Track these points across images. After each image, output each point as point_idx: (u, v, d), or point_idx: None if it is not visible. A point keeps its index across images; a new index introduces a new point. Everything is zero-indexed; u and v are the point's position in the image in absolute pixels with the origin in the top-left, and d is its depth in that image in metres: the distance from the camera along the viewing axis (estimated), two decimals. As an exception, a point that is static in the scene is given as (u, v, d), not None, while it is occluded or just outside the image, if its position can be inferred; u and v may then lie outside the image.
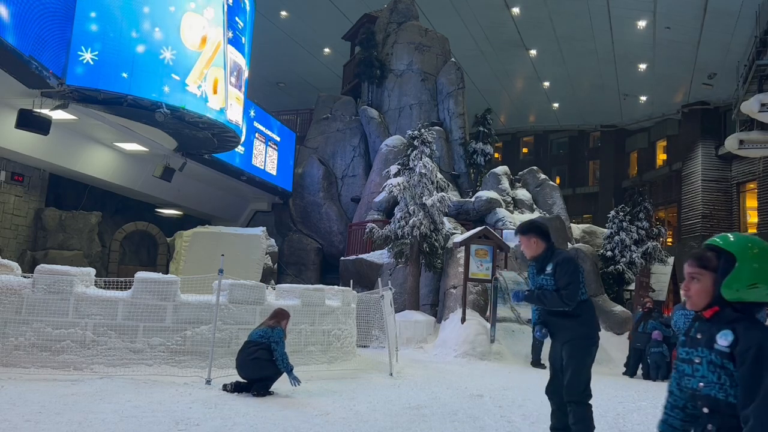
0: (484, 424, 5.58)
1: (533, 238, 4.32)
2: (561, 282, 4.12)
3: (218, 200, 19.20)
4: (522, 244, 4.41)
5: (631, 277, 15.07)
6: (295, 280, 17.91)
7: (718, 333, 1.84)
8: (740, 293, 1.84)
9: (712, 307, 1.90)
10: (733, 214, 23.91)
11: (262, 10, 19.05)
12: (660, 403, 7.03)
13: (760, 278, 1.83)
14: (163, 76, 10.99)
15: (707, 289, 1.91)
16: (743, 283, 1.83)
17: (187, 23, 11.32)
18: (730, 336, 1.80)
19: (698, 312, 1.97)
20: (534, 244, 4.31)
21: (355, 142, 20.72)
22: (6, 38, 8.78)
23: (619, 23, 20.69)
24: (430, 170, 13.55)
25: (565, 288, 4.09)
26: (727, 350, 1.80)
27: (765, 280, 1.84)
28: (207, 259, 11.63)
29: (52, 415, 4.84)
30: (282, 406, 5.81)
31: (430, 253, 13.79)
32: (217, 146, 13.78)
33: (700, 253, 1.98)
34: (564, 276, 4.12)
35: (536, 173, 20.20)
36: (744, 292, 1.83)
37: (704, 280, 1.91)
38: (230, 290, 7.77)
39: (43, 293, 6.95)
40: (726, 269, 1.86)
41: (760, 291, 1.84)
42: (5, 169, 13.01)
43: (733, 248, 1.88)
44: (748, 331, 1.79)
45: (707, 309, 1.92)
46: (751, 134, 17.01)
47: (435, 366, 10.11)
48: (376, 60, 20.96)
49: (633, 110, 28.37)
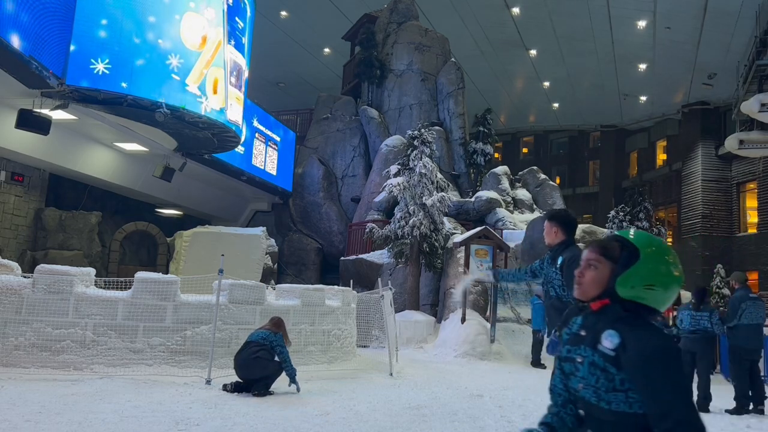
0: (484, 424, 5.58)
1: (555, 227, 4.27)
2: (568, 280, 4.10)
3: (218, 200, 19.20)
4: (545, 229, 4.35)
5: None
6: (295, 280, 17.91)
7: (603, 332, 1.71)
8: (635, 291, 1.70)
9: (602, 299, 1.76)
10: (733, 214, 23.91)
11: (262, 10, 19.05)
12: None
13: (658, 280, 1.71)
14: (171, 85, 11.06)
15: (602, 279, 1.76)
16: (641, 281, 1.70)
17: (187, 23, 11.32)
18: (616, 339, 1.66)
19: (585, 303, 1.83)
20: (554, 233, 4.25)
21: (355, 142, 20.72)
22: (6, 38, 8.78)
23: (619, 23, 20.69)
24: (430, 170, 13.55)
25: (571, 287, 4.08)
26: (611, 353, 1.66)
27: (663, 284, 1.71)
28: (207, 259, 11.63)
29: (52, 415, 4.84)
30: (282, 406, 5.81)
31: (430, 253, 13.79)
32: (217, 146, 13.78)
33: (604, 241, 1.83)
34: (571, 274, 4.10)
35: (536, 173, 20.20)
36: (639, 291, 1.70)
37: (602, 268, 1.76)
38: (230, 290, 7.77)
39: (43, 293, 6.95)
40: (627, 263, 1.72)
41: (656, 295, 1.71)
42: (5, 169, 13.00)
43: (640, 244, 1.74)
44: (637, 332, 1.65)
45: (596, 300, 1.78)
46: (751, 134, 17.01)
47: (435, 366, 10.11)
48: (376, 60, 20.96)
49: (633, 110, 28.37)
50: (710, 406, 7.09)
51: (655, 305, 1.73)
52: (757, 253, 21.94)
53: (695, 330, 7.30)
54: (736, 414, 6.90)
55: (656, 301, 1.72)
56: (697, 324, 7.29)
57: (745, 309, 7.14)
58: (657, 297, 1.72)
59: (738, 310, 7.16)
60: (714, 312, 7.41)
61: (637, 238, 1.77)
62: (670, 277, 1.72)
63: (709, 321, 7.26)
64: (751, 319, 7.14)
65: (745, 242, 23.00)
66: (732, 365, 7.33)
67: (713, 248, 23.56)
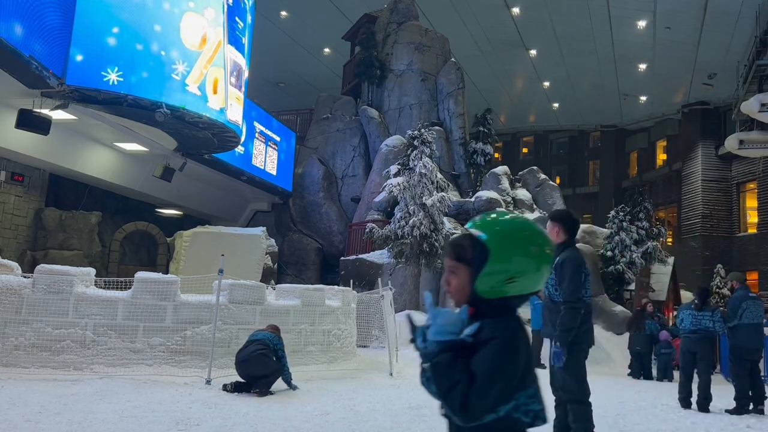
0: (484, 424, 5.57)
1: (557, 227, 4.31)
2: (562, 282, 4.12)
3: (218, 200, 19.20)
4: (547, 229, 4.37)
5: (631, 277, 15.07)
6: (295, 280, 17.91)
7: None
8: (498, 290, 1.55)
9: (472, 305, 1.59)
10: (733, 214, 23.91)
11: (262, 10, 19.04)
12: (660, 403, 7.04)
13: (517, 271, 1.54)
14: (172, 85, 11.09)
15: (464, 285, 1.59)
16: (499, 278, 1.54)
17: (186, 23, 11.32)
18: (476, 326, 1.53)
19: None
20: (555, 234, 4.28)
21: (355, 142, 20.72)
22: (6, 38, 8.78)
23: (619, 23, 20.69)
24: (430, 170, 13.55)
25: (565, 289, 4.09)
26: (469, 340, 1.53)
27: (523, 272, 1.54)
28: (207, 259, 11.63)
29: (52, 415, 4.84)
30: (282, 406, 5.80)
31: (430, 253, 13.78)
32: (217, 146, 13.78)
33: (457, 241, 1.64)
34: (565, 276, 4.12)
35: (536, 173, 20.20)
36: (502, 287, 1.55)
37: (461, 274, 1.59)
38: (230, 290, 7.77)
39: (43, 293, 6.95)
40: (480, 262, 1.55)
41: (522, 283, 1.55)
42: (5, 169, 13.00)
43: (487, 237, 1.56)
44: (491, 322, 1.52)
45: (470, 306, 1.61)
46: (751, 134, 17.01)
47: (435, 366, 10.10)
48: (376, 60, 20.96)
49: (633, 110, 28.37)
50: (710, 406, 7.09)
51: (527, 290, 1.58)
52: (757, 253, 21.95)
53: (696, 330, 7.30)
54: (736, 414, 6.89)
55: (526, 288, 1.57)
56: (699, 324, 7.29)
57: (746, 309, 7.13)
58: (524, 284, 1.56)
59: (739, 310, 7.15)
60: (716, 311, 7.40)
61: (483, 229, 1.59)
62: (529, 261, 1.55)
63: (711, 320, 7.25)
64: (752, 318, 7.13)
65: (745, 242, 23.01)
66: (733, 365, 7.32)
67: (713, 248, 23.57)
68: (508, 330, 1.53)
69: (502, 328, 1.52)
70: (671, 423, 6.24)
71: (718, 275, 21.28)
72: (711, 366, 7.47)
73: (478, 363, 1.48)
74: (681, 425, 6.16)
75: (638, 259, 14.94)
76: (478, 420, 1.47)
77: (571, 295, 4.06)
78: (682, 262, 21.57)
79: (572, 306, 4.05)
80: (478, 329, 1.51)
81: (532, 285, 1.58)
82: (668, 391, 8.30)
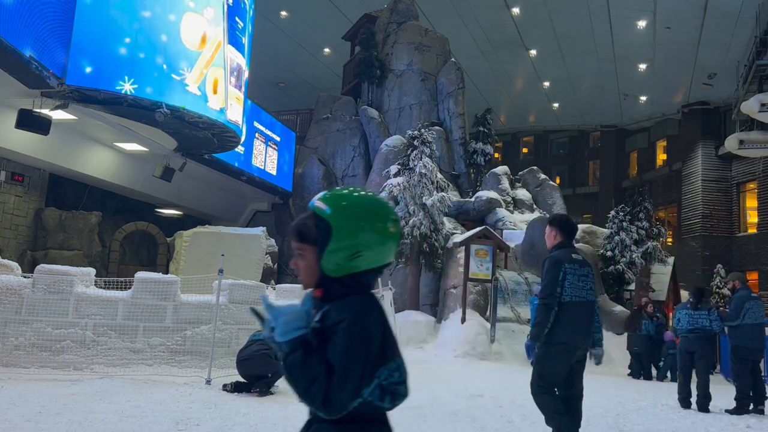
0: (484, 424, 5.57)
1: (554, 230, 4.44)
2: (542, 281, 4.32)
3: (218, 200, 19.19)
4: (546, 233, 4.54)
5: (631, 277, 15.07)
6: (295, 280, 17.90)
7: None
8: (344, 266, 1.48)
9: (319, 287, 1.53)
10: (733, 214, 23.91)
11: (262, 10, 19.03)
12: (660, 403, 7.03)
13: (361, 245, 1.48)
14: (172, 85, 11.13)
15: (312, 266, 1.52)
16: (344, 255, 1.48)
17: (186, 23, 11.32)
18: (321, 314, 1.49)
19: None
20: (552, 237, 4.43)
21: (355, 142, 20.72)
22: (6, 38, 8.78)
23: (619, 23, 20.68)
24: (430, 170, 13.55)
25: (542, 287, 4.28)
26: (317, 326, 1.48)
27: (367, 246, 1.49)
28: (207, 259, 11.63)
29: (52, 415, 4.84)
30: (282, 406, 5.80)
31: (430, 253, 13.78)
32: (217, 146, 13.78)
33: (299, 221, 1.59)
34: (543, 276, 4.31)
35: (536, 173, 20.20)
36: (348, 263, 1.48)
37: (307, 255, 1.53)
38: (230, 290, 7.77)
39: (43, 293, 6.95)
40: (325, 240, 1.49)
41: (368, 258, 1.50)
42: (5, 169, 13.00)
43: (330, 213, 1.51)
44: (344, 303, 1.47)
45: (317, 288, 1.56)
46: (751, 134, 17.00)
47: (435, 366, 10.11)
48: (376, 60, 20.96)
49: (633, 110, 28.36)
50: (710, 406, 7.09)
51: (376, 264, 1.52)
52: (757, 253, 21.94)
53: (694, 329, 7.30)
54: (736, 414, 6.89)
55: (374, 261, 1.51)
56: (696, 323, 7.30)
57: (749, 309, 7.12)
58: (371, 258, 1.50)
59: (741, 309, 7.14)
60: (712, 310, 7.39)
61: (327, 204, 1.54)
62: (374, 235, 1.50)
63: (708, 319, 7.25)
64: (755, 318, 7.13)
65: (745, 242, 23.01)
66: (734, 365, 7.32)
67: (713, 248, 23.56)
68: (355, 309, 1.47)
69: (348, 309, 1.46)
70: (671, 423, 6.24)
71: (718, 275, 21.27)
72: (710, 365, 7.46)
73: (332, 352, 1.42)
74: (681, 425, 6.16)
75: (638, 259, 14.94)
76: (344, 410, 1.42)
77: (543, 292, 4.24)
78: (682, 262, 21.56)
79: (543, 302, 4.21)
80: (323, 316, 1.47)
81: (380, 258, 1.53)
82: (668, 391, 8.30)
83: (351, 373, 1.40)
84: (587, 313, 4.29)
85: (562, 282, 4.17)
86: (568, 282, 4.20)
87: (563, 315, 4.17)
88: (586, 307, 4.28)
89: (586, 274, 4.30)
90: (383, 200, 1.61)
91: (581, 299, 4.24)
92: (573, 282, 4.21)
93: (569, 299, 4.19)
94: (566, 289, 4.19)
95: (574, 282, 4.22)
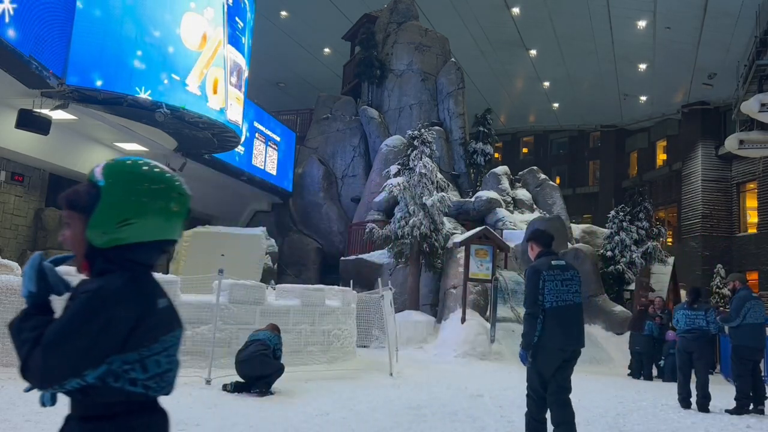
0: (484, 424, 5.57)
1: (531, 244, 4.66)
2: (524, 292, 4.53)
3: (218, 200, 19.19)
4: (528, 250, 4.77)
5: (631, 277, 15.07)
6: (295, 280, 17.90)
7: None
8: (110, 235, 1.36)
9: (88, 259, 1.40)
10: (733, 214, 23.90)
11: (262, 10, 19.04)
12: (660, 403, 7.03)
13: (130, 211, 1.36)
14: (172, 85, 11.16)
15: (79, 236, 1.39)
16: (111, 221, 1.36)
17: (186, 23, 11.33)
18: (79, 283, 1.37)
19: None
20: (532, 252, 4.63)
21: (355, 142, 20.73)
22: (6, 38, 8.78)
23: (619, 23, 20.69)
24: (430, 170, 13.55)
25: (524, 298, 4.46)
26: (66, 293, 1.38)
27: (138, 213, 1.37)
28: (207, 259, 11.63)
29: (52, 415, 4.83)
30: (282, 406, 5.81)
31: (430, 253, 13.78)
32: (217, 146, 13.79)
33: (73, 188, 1.43)
34: (525, 287, 4.54)
35: (536, 173, 20.20)
36: (116, 233, 1.36)
37: (75, 224, 1.40)
38: (230, 290, 7.77)
39: (43, 293, 6.95)
40: (93, 207, 1.37)
41: (137, 228, 1.37)
42: (5, 169, 13.00)
43: (103, 177, 1.39)
44: (101, 277, 1.36)
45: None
46: (751, 134, 17.00)
47: (435, 366, 10.11)
48: (376, 60, 20.96)
49: (633, 110, 28.37)
50: (710, 405, 7.09)
51: (146, 238, 1.40)
52: (757, 253, 21.94)
53: (691, 329, 7.31)
54: (736, 414, 6.89)
55: (144, 234, 1.39)
56: (693, 323, 7.30)
57: (750, 308, 7.12)
58: (142, 230, 1.38)
59: (742, 309, 7.14)
60: (710, 310, 7.38)
61: (104, 171, 1.41)
62: (149, 205, 1.39)
63: (705, 319, 7.24)
64: (756, 318, 7.12)
65: (745, 242, 23.00)
66: (735, 365, 7.31)
67: (713, 248, 23.56)
68: (102, 285, 1.33)
69: (98, 283, 1.34)
70: (671, 423, 6.24)
71: (718, 275, 21.28)
72: (708, 365, 7.45)
73: (57, 319, 1.32)
74: (681, 425, 6.16)
75: (638, 259, 14.94)
76: (50, 384, 1.32)
77: (525, 302, 4.41)
78: (682, 262, 21.55)
79: (527, 312, 4.37)
80: (78, 285, 1.37)
81: (155, 232, 1.41)
82: (668, 391, 8.30)
83: (65, 344, 1.27)
84: (575, 315, 4.37)
85: (542, 290, 4.28)
86: (548, 289, 4.29)
87: (549, 321, 4.26)
88: (573, 309, 4.36)
89: (570, 277, 4.38)
90: (171, 174, 1.50)
91: (567, 302, 4.32)
92: (554, 288, 4.30)
93: (552, 304, 4.28)
94: (547, 296, 4.28)
95: (556, 287, 4.30)
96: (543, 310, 4.24)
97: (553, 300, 4.27)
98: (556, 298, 4.28)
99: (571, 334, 4.32)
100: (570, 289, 4.34)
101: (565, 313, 4.29)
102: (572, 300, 4.34)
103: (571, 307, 4.33)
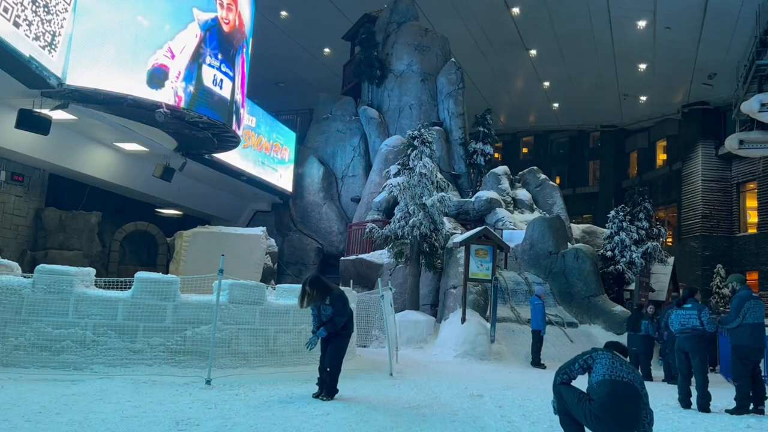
0: (484, 424, 5.57)
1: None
2: None
3: (218, 200, 19.20)
4: None
5: (631, 277, 15.07)
6: (295, 280, 17.90)
7: None
8: None
9: None
10: (733, 214, 23.91)
11: (262, 10, 19.04)
12: (660, 403, 7.02)
13: None
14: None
15: None
16: None
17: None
18: None
19: None
20: None
21: (355, 142, 20.73)
22: (6, 38, 8.78)
23: (619, 23, 20.69)
24: (430, 170, 13.54)
25: None
26: None
27: None
28: (207, 259, 11.63)
29: (52, 415, 4.84)
30: (282, 406, 5.80)
31: (430, 253, 13.78)
32: (217, 146, 13.79)
33: None
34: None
35: (536, 173, 20.20)
36: None
37: None
38: (230, 290, 7.76)
39: (43, 293, 6.95)
40: None
41: None
42: (5, 169, 13.00)
43: None
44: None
45: None
46: (751, 134, 16.99)
47: (435, 366, 10.11)
48: (376, 60, 20.96)
49: (633, 110, 28.37)
50: (710, 405, 7.09)
51: None
52: (757, 253, 21.94)
53: (683, 329, 7.30)
54: (736, 414, 6.88)
55: None
56: (686, 323, 7.29)
57: (750, 308, 7.10)
58: None
59: (742, 309, 7.12)
60: (704, 310, 7.35)
61: None
62: None
63: (698, 319, 7.22)
64: (756, 318, 7.10)
65: (745, 242, 23.01)
66: (735, 365, 7.29)
67: (713, 248, 23.56)
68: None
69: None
70: (671, 423, 6.24)
71: (718, 275, 21.28)
72: (704, 363, 7.38)
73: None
74: (681, 425, 6.16)
75: (638, 259, 14.94)
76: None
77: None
78: (682, 262, 21.58)
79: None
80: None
81: None
82: (668, 391, 8.30)
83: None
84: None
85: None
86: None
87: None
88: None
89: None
90: None
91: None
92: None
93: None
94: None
95: None
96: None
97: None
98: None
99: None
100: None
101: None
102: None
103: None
